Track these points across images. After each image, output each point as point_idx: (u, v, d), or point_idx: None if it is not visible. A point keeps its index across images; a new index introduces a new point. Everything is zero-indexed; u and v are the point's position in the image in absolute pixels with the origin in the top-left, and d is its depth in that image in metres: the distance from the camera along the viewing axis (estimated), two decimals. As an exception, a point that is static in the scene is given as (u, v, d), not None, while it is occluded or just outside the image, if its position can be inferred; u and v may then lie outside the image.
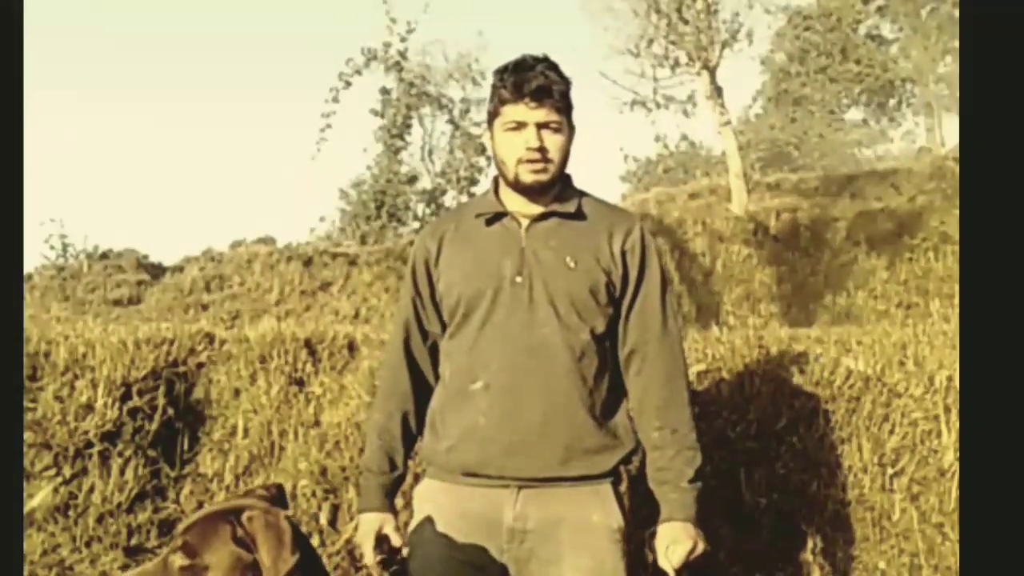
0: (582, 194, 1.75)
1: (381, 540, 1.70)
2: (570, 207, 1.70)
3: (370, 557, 1.68)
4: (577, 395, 1.62)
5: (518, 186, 1.66)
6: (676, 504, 1.64)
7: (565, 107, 1.66)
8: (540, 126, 1.62)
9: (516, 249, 1.66)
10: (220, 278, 11.26)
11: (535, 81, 1.60)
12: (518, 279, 1.64)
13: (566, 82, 1.66)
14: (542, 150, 1.62)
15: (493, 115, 1.67)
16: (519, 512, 1.62)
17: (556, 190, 1.70)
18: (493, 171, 1.76)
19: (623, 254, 1.69)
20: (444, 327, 1.74)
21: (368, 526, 1.71)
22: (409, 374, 1.76)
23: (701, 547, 1.63)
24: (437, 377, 1.76)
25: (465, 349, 1.66)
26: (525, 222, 1.68)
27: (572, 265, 1.65)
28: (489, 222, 1.70)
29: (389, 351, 1.82)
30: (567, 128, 1.67)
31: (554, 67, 1.64)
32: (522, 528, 1.62)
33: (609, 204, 1.80)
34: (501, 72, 1.65)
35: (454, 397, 1.67)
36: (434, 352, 1.77)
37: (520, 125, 1.62)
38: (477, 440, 1.62)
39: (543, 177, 1.64)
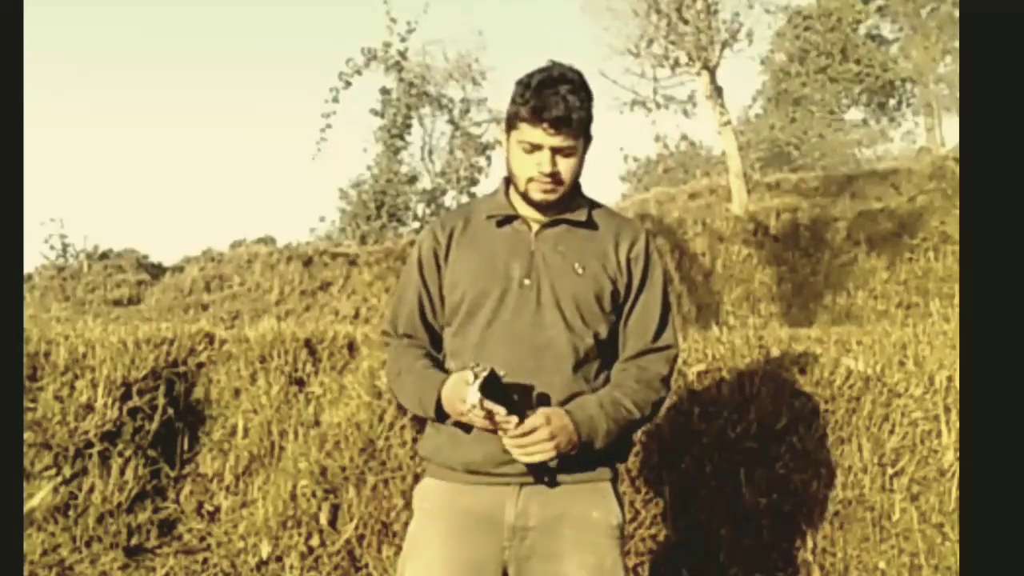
0: (591, 202, 1.76)
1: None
2: (580, 215, 1.72)
3: (477, 397, 1.48)
4: (578, 397, 1.63)
5: (527, 201, 1.68)
6: (576, 403, 1.60)
7: (583, 129, 1.64)
8: (555, 150, 1.62)
9: (525, 252, 1.68)
10: (220, 278, 11.27)
11: (555, 110, 1.56)
12: (526, 282, 1.66)
13: (587, 106, 1.62)
14: (554, 174, 1.63)
15: (510, 125, 1.66)
16: (521, 509, 1.63)
17: (566, 197, 1.71)
18: (493, 171, 1.77)
19: (628, 262, 1.72)
20: (445, 321, 1.75)
21: (458, 380, 1.55)
22: (418, 353, 1.74)
23: (551, 448, 1.50)
24: (438, 365, 1.75)
25: (470, 348, 1.66)
26: (535, 226, 1.71)
27: (580, 271, 1.67)
28: (500, 224, 1.72)
29: (393, 342, 1.78)
30: (583, 147, 1.67)
31: (578, 89, 1.60)
32: (524, 525, 1.62)
33: (614, 212, 1.82)
34: (524, 88, 1.60)
35: None
36: (435, 344, 1.77)
37: (535, 147, 1.62)
38: (479, 439, 1.62)
39: (551, 197, 1.66)
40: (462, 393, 1.50)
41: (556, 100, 1.57)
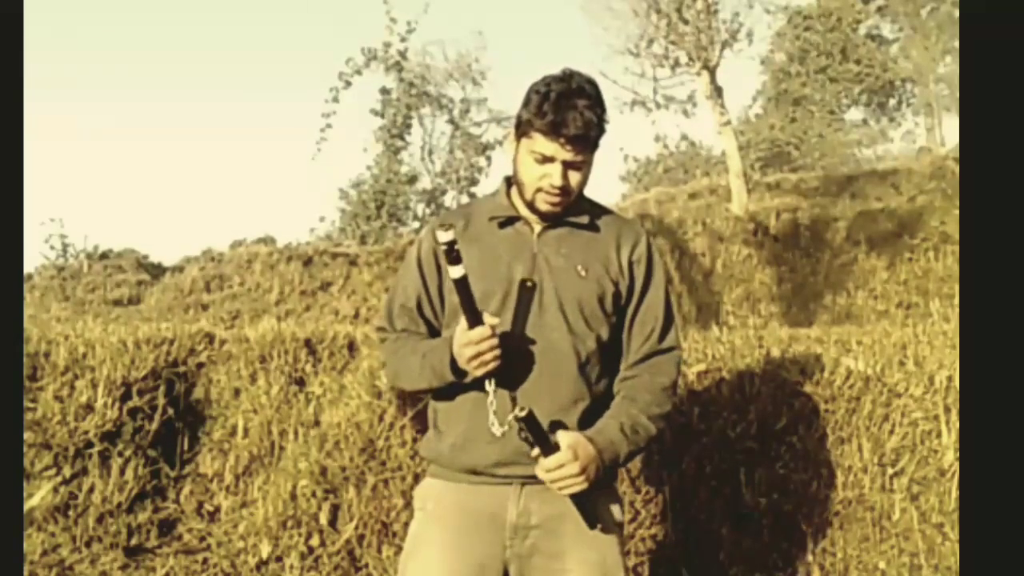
0: (592, 204, 1.76)
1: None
2: (582, 218, 1.72)
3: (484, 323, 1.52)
4: (580, 398, 1.64)
5: (532, 209, 1.68)
6: (597, 428, 1.60)
7: (596, 143, 1.64)
8: (567, 164, 1.62)
9: (528, 254, 1.68)
10: (220, 278, 11.28)
11: (574, 127, 1.56)
12: (528, 284, 1.65)
13: (603, 118, 1.62)
14: (563, 187, 1.63)
15: (522, 132, 1.65)
16: (523, 508, 1.63)
17: None
18: (493, 171, 1.77)
19: (631, 264, 1.72)
20: (443, 320, 1.74)
21: (459, 331, 1.56)
22: (418, 339, 1.74)
23: (568, 491, 1.52)
24: None
25: None
26: (538, 228, 1.71)
27: (583, 273, 1.67)
28: (502, 225, 1.72)
29: (390, 336, 1.78)
30: (591, 160, 1.67)
31: (595, 104, 1.60)
32: (526, 524, 1.63)
33: (614, 213, 1.82)
34: (542, 98, 1.59)
35: (460, 396, 1.67)
36: (432, 337, 1.76)
37: (548, 159, 1.62)
38: (484, 440, 1.62)
39: (558, 209, 1.67)
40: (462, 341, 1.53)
41: (575, 116, 1.56)
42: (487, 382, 1.57)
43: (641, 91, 13.61)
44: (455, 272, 1.50)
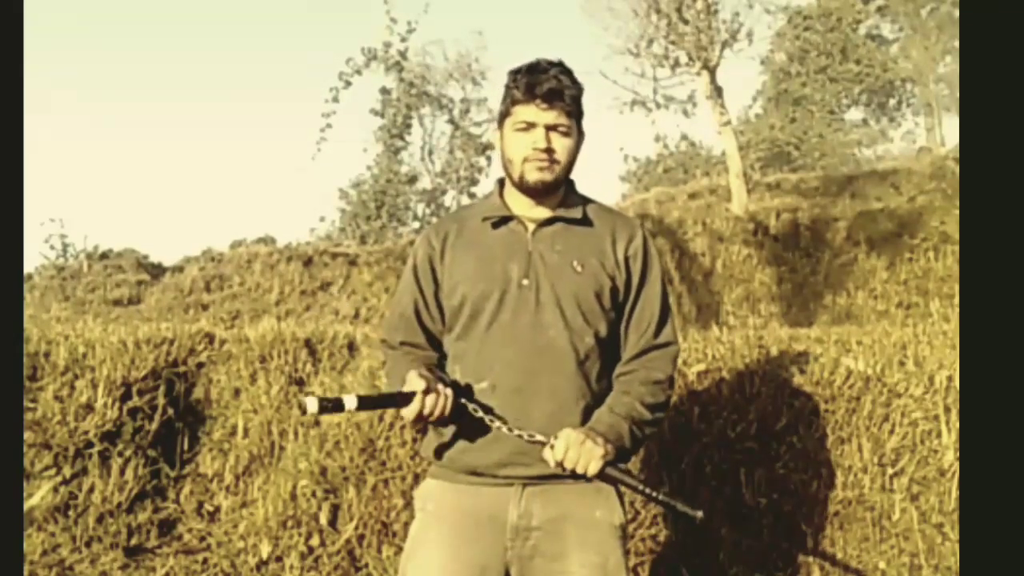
0: (586, 199, 1.77)
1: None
2: (575, 213, 1.72)
3: (418, 383, 1.54)
4: (581, 396, 1.64)
5: (523, 186, 1.68)
6: (596, 417, 1.61)
7: (575, 112, 1.68)
8: (549, 128, 1.65)
9: (523, 252, 1.68)
10: (220, 278, 11.27)
11: (547, 84, 1.63)
12: (524, 282, 1.65)
13: (578, 87, 1.68)
14: (549, 151, 1.65)
15: (504, 115, 1.70)
16: (524, 510, 1.63)
17: (561, 195, 1.72)
18: (493, 171, 1.77)
19: (627, 259, 1.71)
20: (443, 326, 1.74)
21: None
22: (409, 360, 1.74)
23: (594, 464, 1.52)
24: (438, 368, 1.75)
25: (474, 351, 1.66)
26: (531, 226, 1.70)
27: (579, 269, 1.66)
28: (495, 225, 1.72)
29: (390, 354, 1.79)
30: (576, 133, 1.70)
31: (567, 72, 1.67)
32: (527, 525, 1.62)
33: (611, 209, 1.82)
34: (515, 73, 1.68)
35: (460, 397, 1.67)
36: (433, 346, 1.76)
37: (530, 126, 1.65)
38: (484, 441, 1.62)
39: (547, 177, 1.66)
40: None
41: (547, 77, 1.64)
42: (469, 411, 1.59)
43: (641, 91, 13.63)
44: (349, 404, 1.51)
